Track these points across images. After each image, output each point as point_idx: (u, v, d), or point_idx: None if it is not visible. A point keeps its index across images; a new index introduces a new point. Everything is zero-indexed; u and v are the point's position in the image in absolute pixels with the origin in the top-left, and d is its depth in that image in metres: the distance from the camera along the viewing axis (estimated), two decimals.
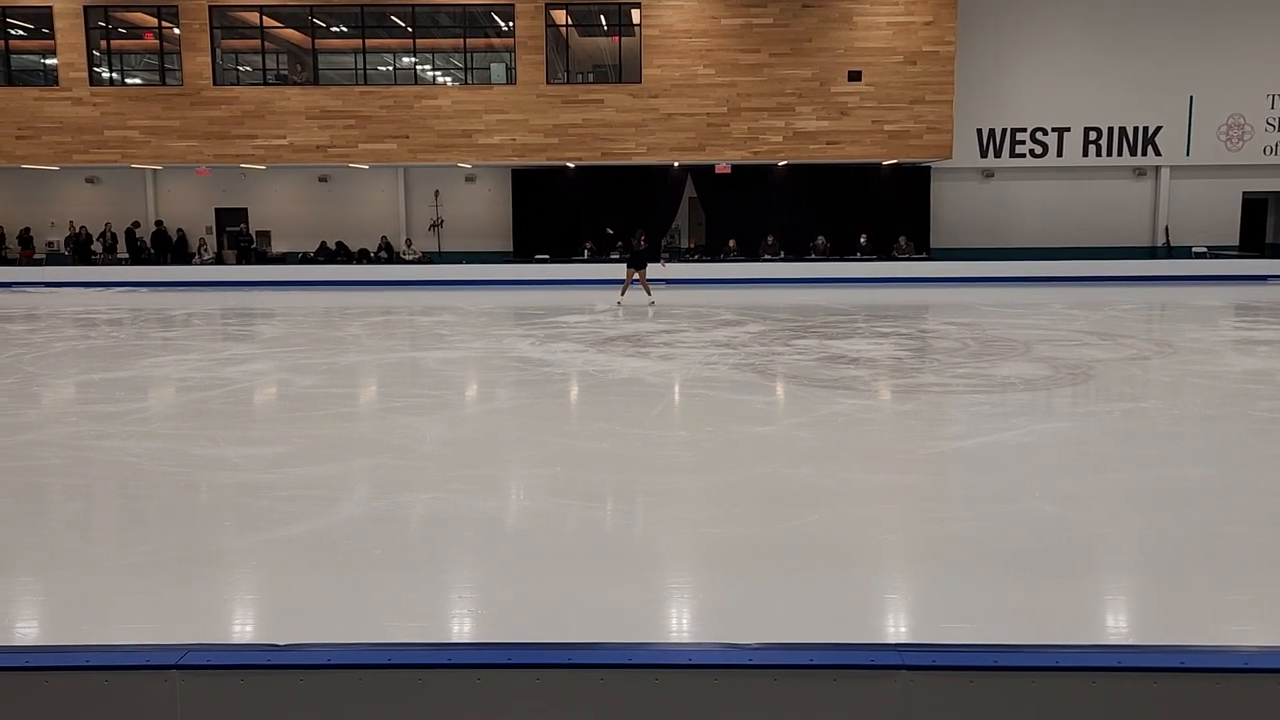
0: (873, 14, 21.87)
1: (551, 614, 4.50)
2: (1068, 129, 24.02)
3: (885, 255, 23.76)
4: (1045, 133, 24.07)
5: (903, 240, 23.85)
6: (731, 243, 23.89)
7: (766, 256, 23.75)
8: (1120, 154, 24.15)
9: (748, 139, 22.37)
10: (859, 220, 24.07)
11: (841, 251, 23.95)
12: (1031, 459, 7.28)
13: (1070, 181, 24.51)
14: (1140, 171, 24.52)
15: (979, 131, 24.00)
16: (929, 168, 24.21)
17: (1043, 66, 23.77)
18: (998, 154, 24.22)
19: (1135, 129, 24.00)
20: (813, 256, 23.83)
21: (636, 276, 18.28)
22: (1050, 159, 24.16)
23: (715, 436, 8.05)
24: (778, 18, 21.91)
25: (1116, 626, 4.51)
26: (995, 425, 8.35)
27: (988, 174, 24.55)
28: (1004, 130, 24.10)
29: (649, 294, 18.44)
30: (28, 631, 4.53)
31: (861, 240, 23.81)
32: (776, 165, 23.71)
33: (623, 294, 18.42)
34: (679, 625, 4.53)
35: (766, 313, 16.82)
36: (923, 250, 24.19)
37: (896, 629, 4.43)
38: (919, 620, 4.49)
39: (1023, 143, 24.14)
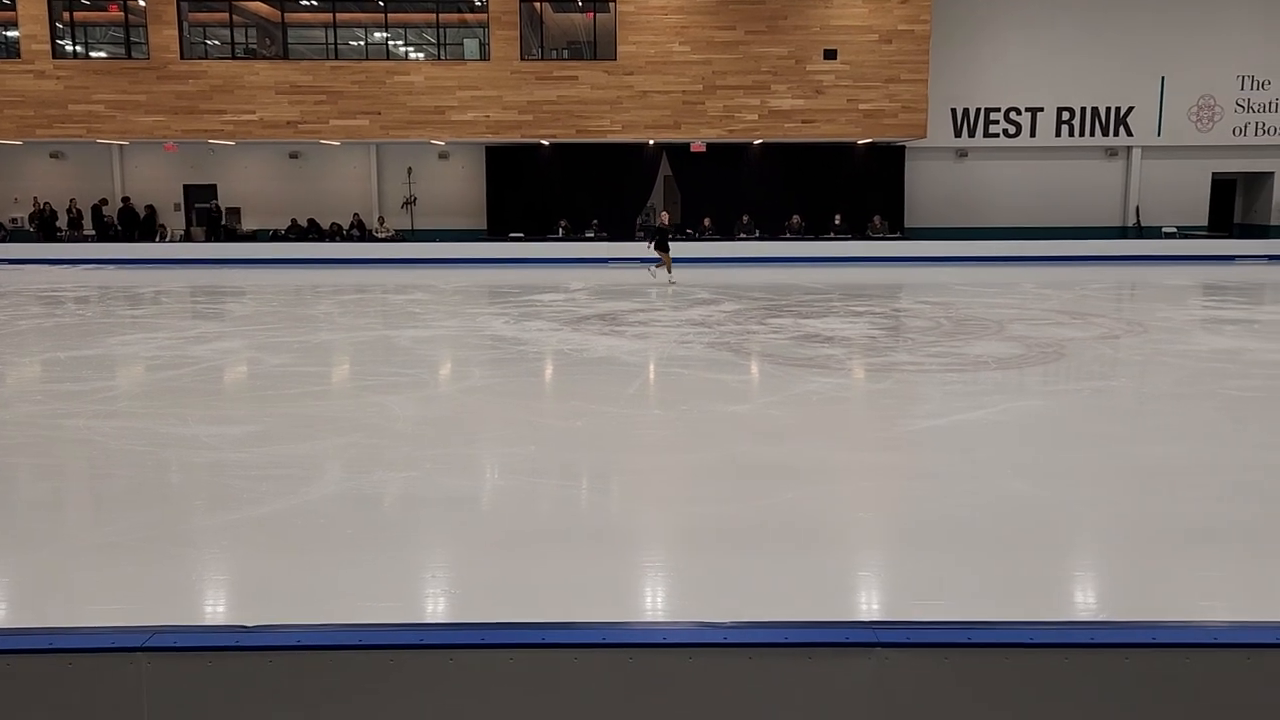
0: None
1: (525, 593, 4.48)
2: (1041, 109, 24.12)
3: (860, 235, 23.81)
4: (1019, 113, 24.16)
5: (877, 220, 23.91)
6: (707, 221, 23.85)
7: (742, 235, 23.73)
8: (1092, 134, 24.29)
9: (723, 117, 22.28)
10: (834, 199, 24.09)
11: (816, 231, 23.98)
12: (1004, 437, 7.33)
13: (1043, 161, 24.64)
14: (1112, 152, 24.68)
15: (953, 111, 24.05)
16: (904, 147, 24.25)
17: (1016, 47, 23.83)
18: (971, 134, 24.29)
19: (1107, 109, 24.14)
20: (788, 235, 23.84)
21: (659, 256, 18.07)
22: (1023, 139, 24.26)
23: (690, 415, 8.04)
24: None
25: (1088, 602, 4.55)
26: (968, 404, 8.40)
27: (961, 154, 24.62)
28: (978, 110, 24.16)
29: (669, 272, 18.14)
30: None
31: (836, 219, 23.84)
32: (752, 144, 23.65)
33: (670, 270, 18.04)
34: (653, 604, 4.53)
35: (741, 291, 16.81)
36: (897, 230, 24.26)
37: (870, 606, 4.45)
38: (893, 597, 4.52)
39: (996, 123, 24.22)
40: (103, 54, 23.22)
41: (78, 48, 22.99)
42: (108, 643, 2.66)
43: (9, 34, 22.81)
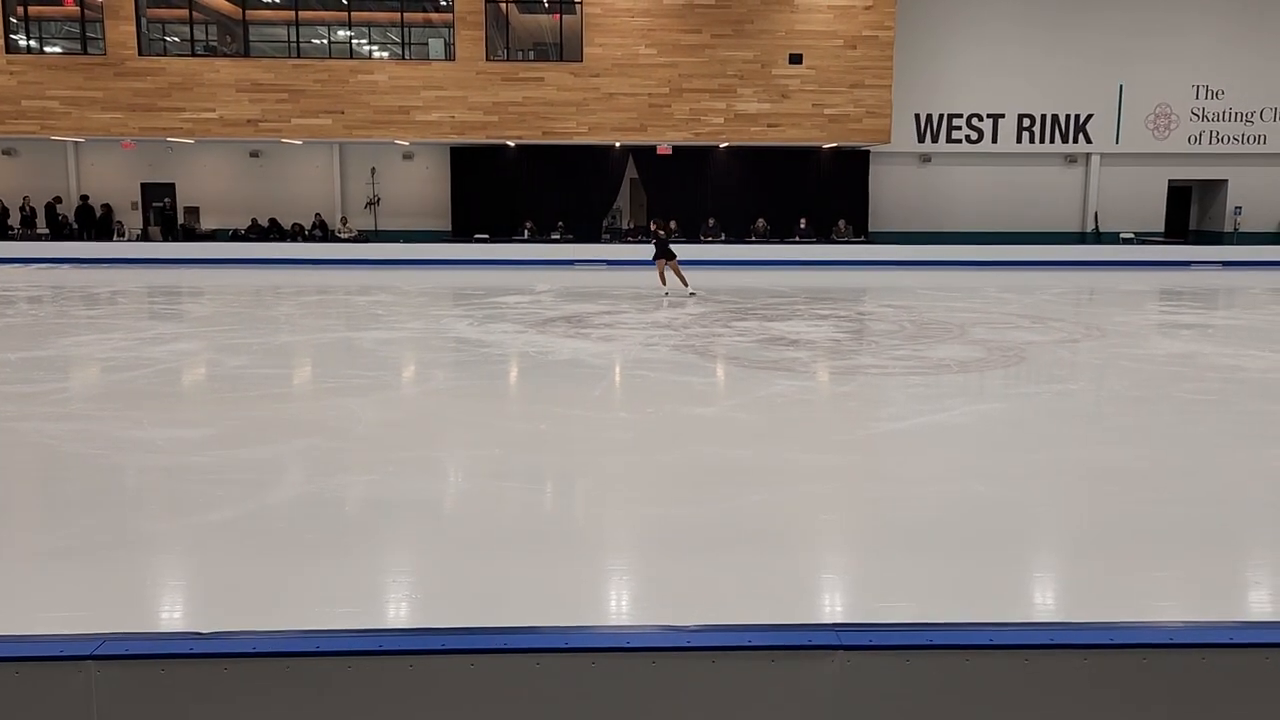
0: None
1: (488, 598, 4.43)
2: (1002, 115, 24.44)
3: (824, 238, 23.98)
4: (980, 119, 24.46)
5: (842, 224, 24.08)
6: (672, 224, 23.87)
7: (707, 238, 23.79)
8: (1052, 141, 24.66)
9: (689, 120, 22.34)
10: (799, 203, 24.23)
11: (781, 234, 24.11)
12: (966, 439, 7.39)
13: (1004, 168, 24.97)
14: (1071, 159, 25.07)
15: (917, 117, 24.30)
16: (868, 152, 24.46)
17: (979, 53, 24.13)
18: (935, 139, 24.56)
19: (1067, 116, 24.52)
20: (753, 239, 23.94)
21: (668, 266, 16.50)
22: (985, 145, 24.58)
23: (655, 417, 8.03)
24: None
25: (1047, 604, 4.59)
26: (931, 406, 8.46)
27: (925, 159, 24.88)
28: (941, 116, 24.43)
29: (684, 282, 16.53)
30: None
31: (801, 223, 23.98)
32: (718, 147, 23.73)
33: (683, 279, 16.53)
34: (617, 608, 4.50)
35: (707, 294, 16.84)
36: (861, 234, 24.46)
37: (833, 609, 4.46)
38: (856, 600, 4.53)
39: (959, 128, 24.51)
40: (58, 49, 22.80)
41: (32, 42, 22.55)
42: (55, 650, 2.59)
43: None
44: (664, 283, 16.55)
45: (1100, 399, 9.31)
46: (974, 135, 24.52)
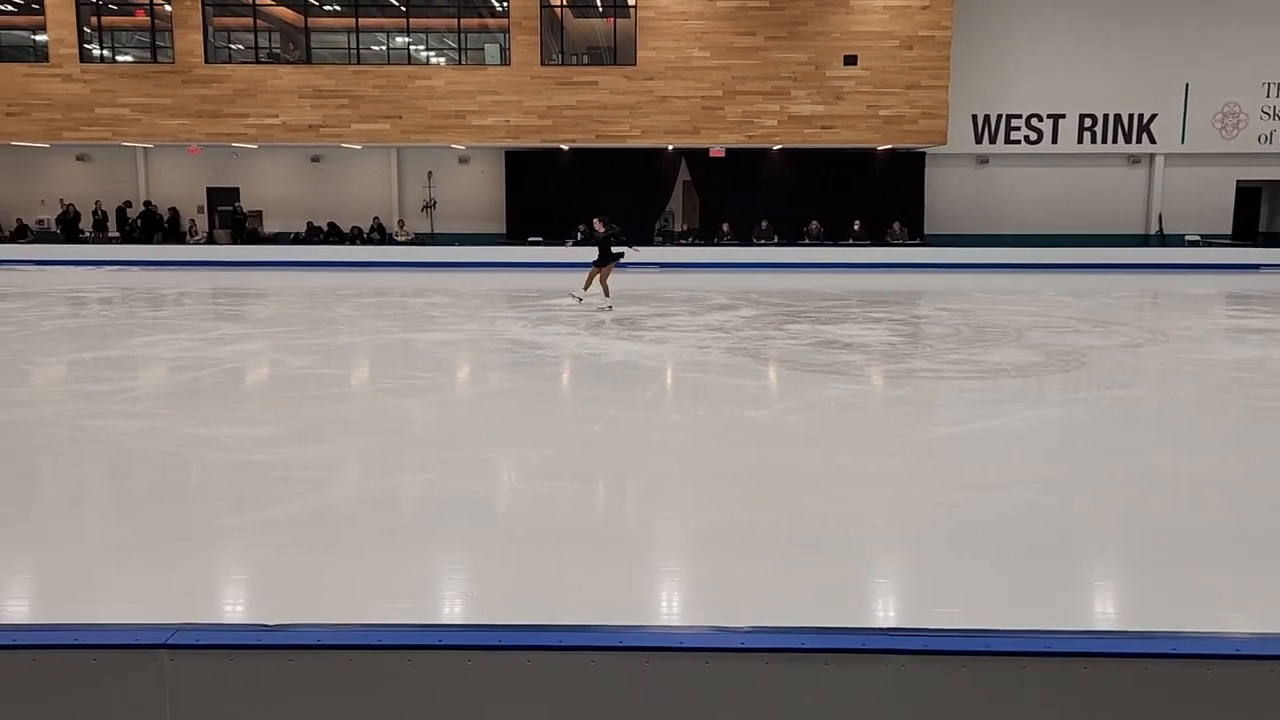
0: None
1: (542, 596, 4.49)
2: (1063, 116, 23.99)
3: (879, 241, 23.75)
4: (1040, 119, 24.04)
5: (896, 226, 23.83)
6: (725, 227, 23.85)
7: (760, 241, 23.71)
8: (1115, 141, 24.14)
9: (742, 122, 22.29)
10: (853, 205, 24.03)
11: (835, 237, 23.93)
12: (1023, 445, 7.29)
13: (1064, 169, 24.51)
14: (1135, 159, 24.52)
15: (974, 117, 23.96)
16: (924, 153, 24.18)
17: (1039, 53, 23.72)
18: (992, 140, 24.19)
19: (1130, 116, 23.98)
20: (806, 241, 23.80)
21: (603, 271, 15.21)
22: (1045, 146, 24.14)
23: (707, 420, 8.04)
24: (774, 1, 21.80)
25: (1107, 612, 4.52)
26: (987, 411, 8.36)
27: (982, 160, 24.53)
28: (999, 116, 24.06)
29: (606, 293, 15.26)
30: (17, 609, 4.51)
31: (855, 226, 23.78)
32: (771, 149, 23.64)
33: (606, 290, 15.30)
34: (670, 608, 4.53)
35: (760, 297, 16.80)
36: (916, 236, 24.18)
37: (887, 613, 4.44)
38: (910, 605, 4.50)
39: (1018, 129, 24.11)
40: (129, 58, 23.48)
41: (105, 52, 23.26)
42: (130, 639, 2.69)
43: (38, 38, 23.11)
44: (607, 294, 15.17)
45: (1163, 405, 9.11)
46: (1033, 136, 24.11)
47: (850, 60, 22.01)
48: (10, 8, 23.14)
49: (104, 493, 6.47)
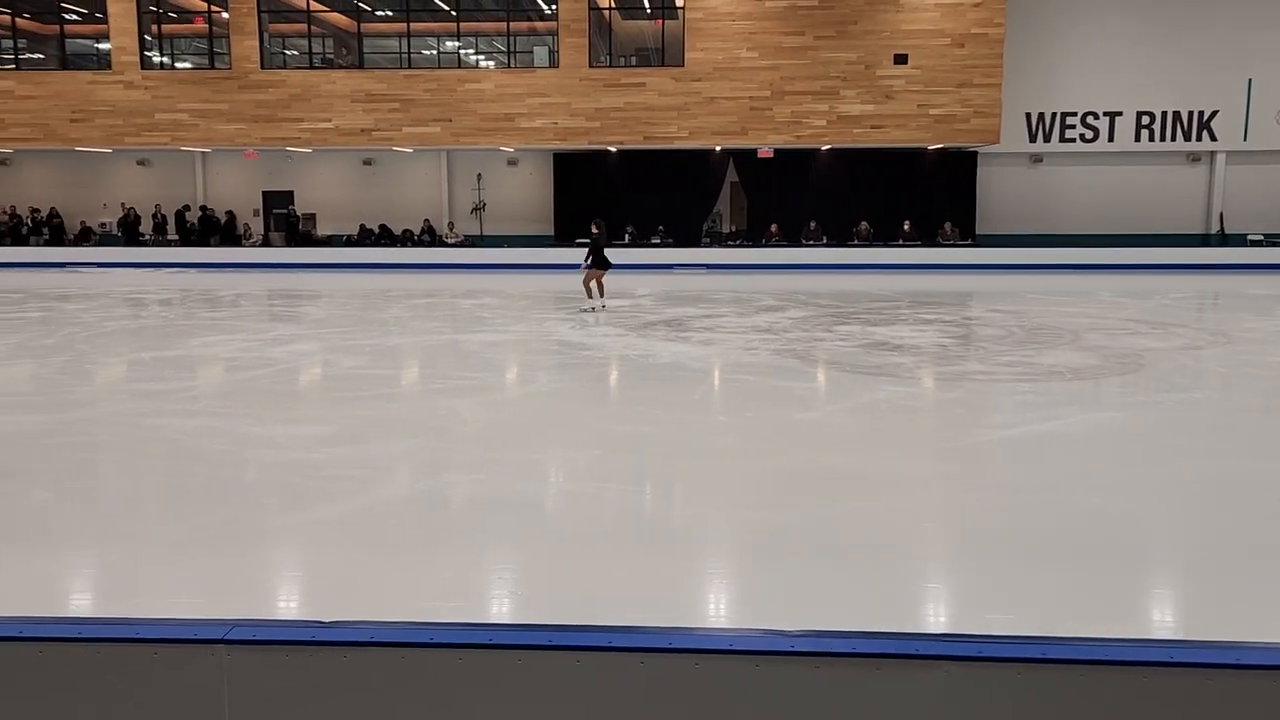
0: None
1: (590, 597, 4.51)
2: (1120, 113, 23.51)
3: (929, 241, 23.47)
4: (1096, 117, 23.58)
5: (948, 226, 23.53)
6: (773, 228, 23.73)
7: (809, 242, 23.56)
8: (1174, 139, 23.59)
9: (791, 123, 22.17)
10: (903, 206, 23.79)
11: (885, 237, 23.70)
12: (1078, 449, 7.15)
13: (1121, 167, 24.01)
14: (1195, 157, 23.94)
15: (1028, 116, 23.58)
16: (975, 153, 23.85)
17: (1095, 49, 23.27)
18: (1047, 139, 23.78)
19: (1190, 113, 23.43)
20: (855, 242, 23.60)
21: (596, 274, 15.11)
22: (1101, 144, 23.68)
23: (755, 421, 8.01)
24: (823, 0, 21.65)
25: (1166, 621, 4.42)
26: (1041, 414, 8.21)
27: (1036, 159, 24.12)
28: (1054, 115, 23.65)
29: (601, 295, 15.24)
30: (81, 603, 4.63)
31: (905, 226, 23.53)
32: (819, 150, 23.48)
33: (601, 291, 15.31)
34: (718, 610, 4.52)
35: (808, 298, 16.69)
36: (968, 236, 23.86)
37: (938, 619, 4.38)
38: (962, 610, 4.44)
39: (1073, 127, 23.67)
40: (187, 65, 24.02)
41: (164, 59, 23.82)
42: (190, 634, 2.74)
43: (101, 46, 23.74)
44: (598, 294, 15.15)
45: (1227, 409, 8.88)
46: (1089, 134, 23.66)
47: (900, 59, 21.78)
48: (75, 16, 23.78)
49: (163, 490, 6.62)
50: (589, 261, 15.08)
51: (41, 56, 24.00)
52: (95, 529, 5.58)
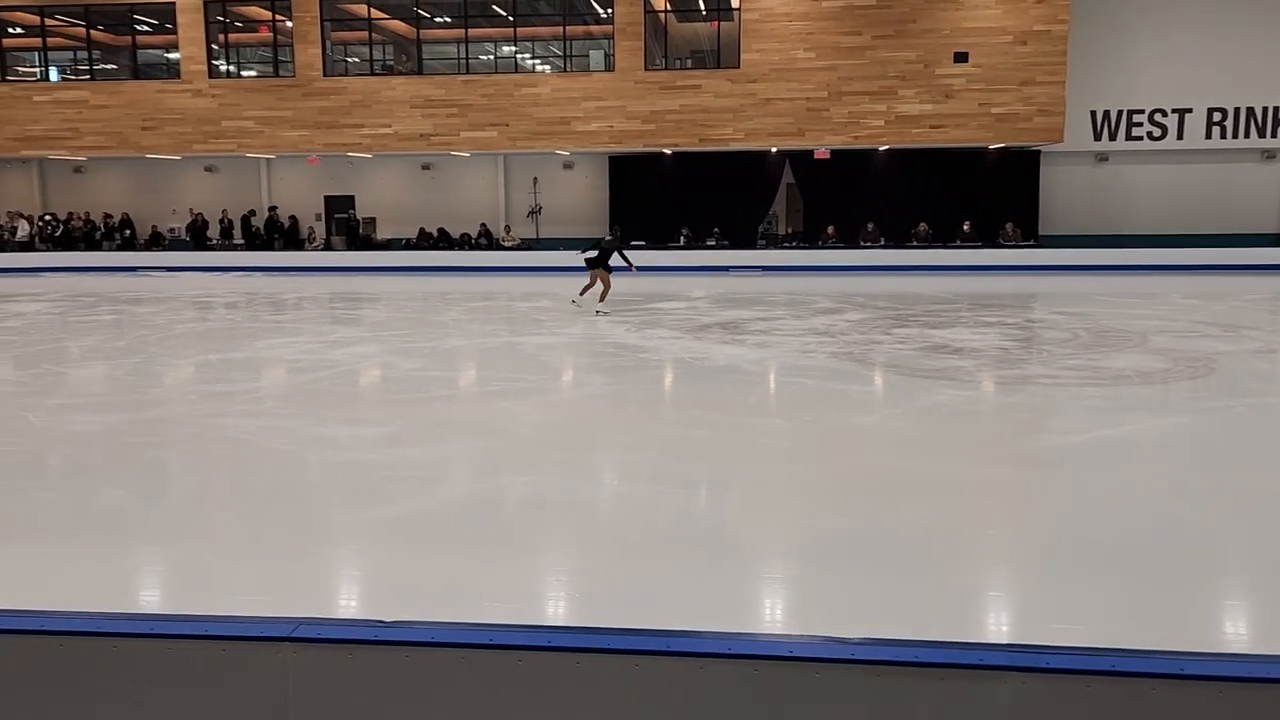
0: None
1: (645, 600, 4.50)
2: (1189, 110, 22.86)
3: (990, 242, 23.06)
4: (1165, 114, 22.97)
5: (1009, 227, 23.10)
6: (830, 229, 23.51)
7: (866, 243, 23.30)
8: (1247, 136, 22.87)
9: (848, 123, 21.95)
10: (963, 206, 23.40)
11: (944, 238, 23.34)
12: (1148, 456, 6.97)
13: (1191, 165, 23.34)
14: (1269, 154, 23.19)
15: (1093, 113, 23.05)
16: (1038, 152, 23.38)
17: (1163, 44, 22.66)
18: (1113, 137, 23.22)
19: (1264, 109, 22.69)
20: (914, 243, 23.29)
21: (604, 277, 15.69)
22: (1170, 141, 23.04)
23: (812, 426, 7.94)
24: None
25: (1241, 634, 4.28)
26: (1109, 420, 8.02)
27: (1102, 157, 23.57)
28: (1120, 112, 23.08)
29: (602, 298, 15.77)
30: (151, 599, 4.76)
31: (965, 227, 23.15)
32: (877, 150, 23.22)
33: (583, 294, 15.94)
34: (775, 616, 4.48)
35: (866, 300, 16.51)
36: (1031, 237, 23.39)
37: (1002, 628, 4.30)
38: (1028, 620, 4.35)
39: (1140, 125, 23.08)
40: (253, 73, 24.56)
41: (231, 68, 24.39)
42: (256, 631, 2.80)
43: (170, 56, 24.39)
44: (598, 296, 15.56)
45: None
46: (1157, 132, 23.04)
47: (961, 57, 21.45)
48: (146, 28, 24.46)
49: (230, 489, 6.77)
50: (594, 262, 15.46)
51: (114, 67, 24.73)
52: (165, 527, 5.73)
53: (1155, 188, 23.52)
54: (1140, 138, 23.10)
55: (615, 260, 15.55)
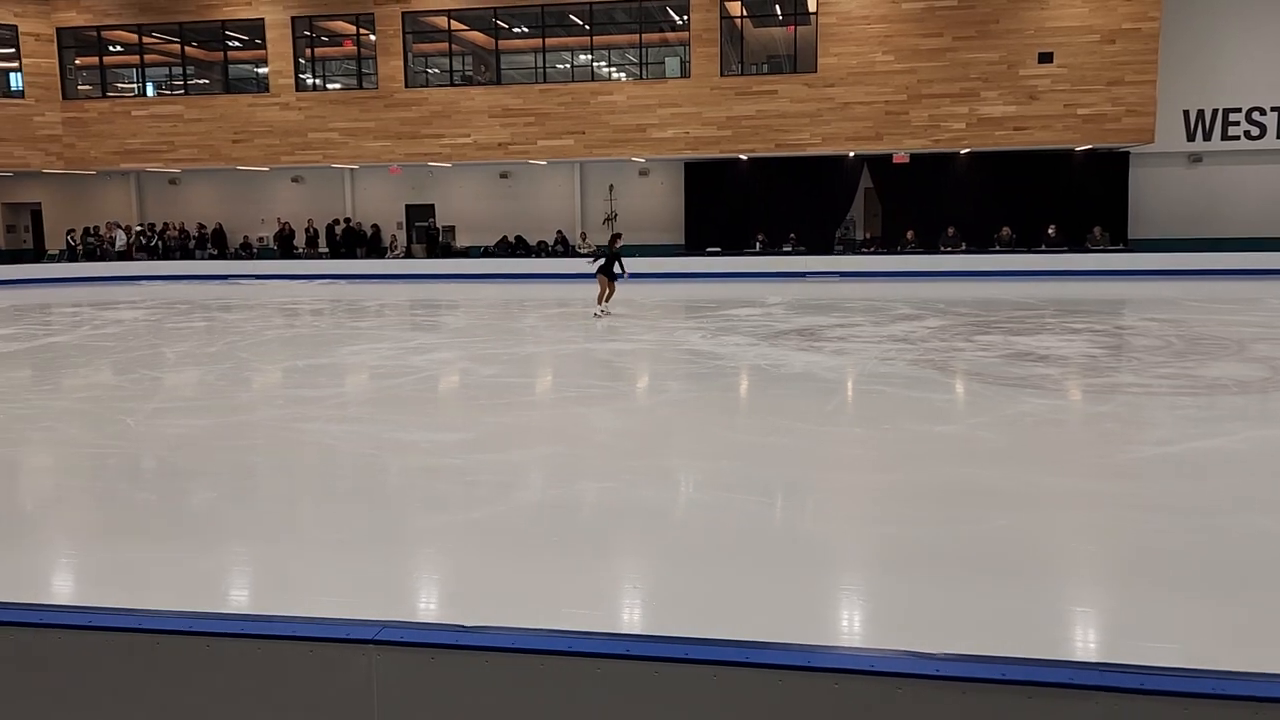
0: None
1: (721, 610, 4.48)
2: None
3: (1077, 246, 22.43)
4: (1263, 112, 22.07)
5: (1097, 230, 22.45)
6: (909, 234, 23.15)
7: (947, 248, 22.88)
8: None
9: (928, 127, 21.60)
10: (1048, 210, 22.82)
11: (1028, 243, 22.79)
12: (1246, 467, 6.69)
13: None
14: None
15: (1185, 113, 22.27)
16: (1127, 153, 22.68)
17: (1260, 40, 21.78)
18: (1207, 137, 22.40)
19: None
20: (997, 248, 22.78)
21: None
22: (1269, 141, 22.13)
23: (892, 434, 7.81)
24: (963, 0, 21.03)
25: None
26: (1204, 430, 7.72)
27: (1195, 158, 22.75)
28: (1214, 111, 22.26)
29: (606, 300, 16.51)
30: (240, 599, 4.90)
31: (1050, 231, 22.56)
32: (958, 153, 22.79)
33: (605, 300, 16.58)
34: (853, 628, 4.42)
35: (947, 307, 16.20)
36: (1119, 241, 22.69)
37: (1090, 645, 4.16)
38: (1118, 638, 4.21)
39: (1236, 124, 22.22)
40: (338, 86, 25.23)
41: (317, 81, 25.09)
42: (342, 634, 2.86)
43: (260, 71, 25.21)
44: (605, 300, 16.41)
45: None
46: (1255, 131, 22.14)
47: (1045, 58, 20.93)
48: (237, 44, 25.34)
49: (315, 491, 6.95)
50: (600, 269, 16.43)
51: (207, 82, 25.67)
52: (254, 528, 5.90)
53: (1252, 189, 22.62)
54: (1236, 137, 22.25)
55: (616, 267, 16.38)
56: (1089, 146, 21.73)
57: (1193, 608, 4.39)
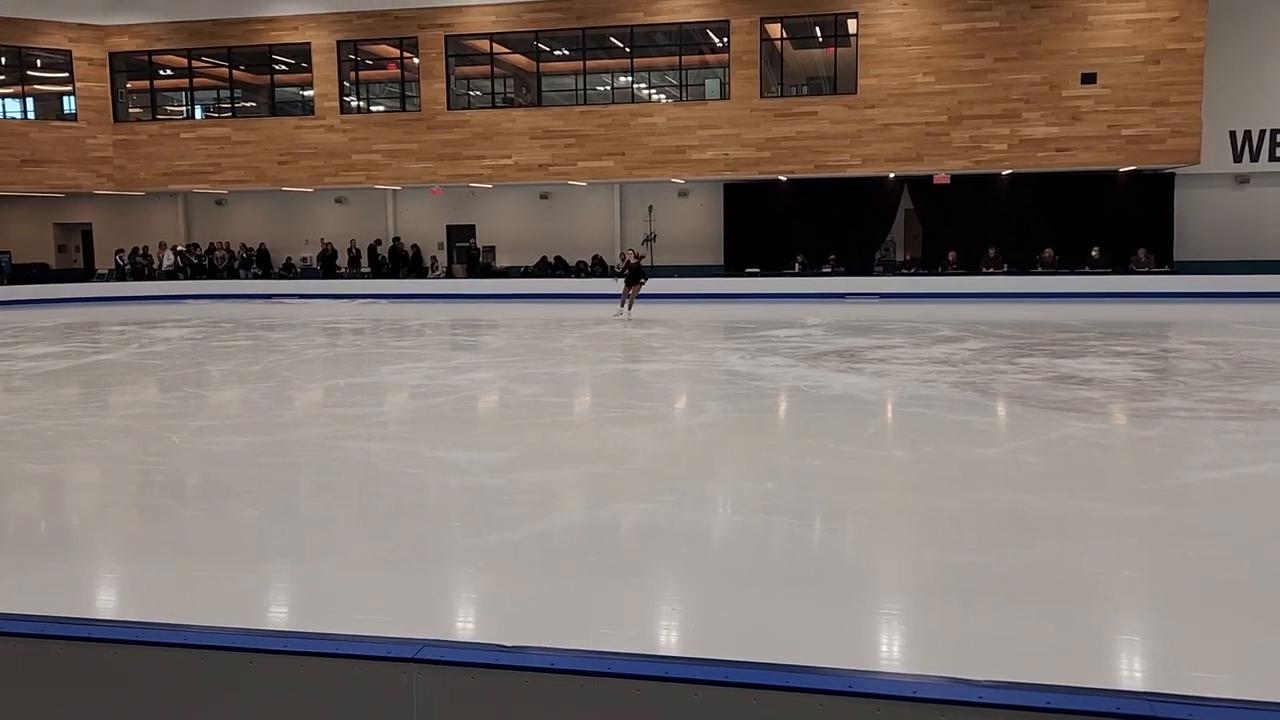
0: (1110, 12, 20.48)
1: (761, 632, 4.45)
2: None
3: (1121, 269, 22.12)
4: None
5: (1141, 252, 22.13)
6: (950, 255, 22.98)
7: (988, 270, 22.68)
8: None
9: (969, 148, 21.47)
10: (1091, 231, 22.55)
11: (1071, 265, 22.52)
12: None
13: None
14: None
15: (1232, 134, 21.94)
16: (1172, 174, 22.37)
17: None
18: (1254, 158, 22.05)
19: None
20: (1039, 270, 22.53)
21: (629, 291, 19.16)
22: None
23: (933, 457, 7.73)
24: (1004, 20, 20.93)
25: None
26: (1253, 455, 7.56)
27: (1242, 180, 22.39)
28: (1262, 132, 21.92)
29: (629, 307, 19.17)
30: (280, 616, 4.96)
31: (1094, 253, 22.28)
32: (1000, 174, 22.61)
33: (626, 307, 19.17)
34: (893, 653, 4.37)
35: (988, 329, 16.03)
36: (1165, 263, 22.34)
37: (1138, 675, 4.08)
38: (1167, 668, 4.12)
39: None
40: (381, 108, 25.63)
41: (361, 103, 25.51)
42: (383, 651, 2.88)
43: (305, 93, 25.68)
44: (628, 306, 19.04)
45: None
46: None
47: (1089, 78, 20.75)
48: (283, 67, 25.85)
49: (356, 510, 7.01)
50: (626, 279, 19.20)
51: (254, 105, 26.20)
52: (296, 545, 5.97)
53: None
54: None
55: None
56: (1133, 168, 21.47)
57: (1242, 636, 4.29)
